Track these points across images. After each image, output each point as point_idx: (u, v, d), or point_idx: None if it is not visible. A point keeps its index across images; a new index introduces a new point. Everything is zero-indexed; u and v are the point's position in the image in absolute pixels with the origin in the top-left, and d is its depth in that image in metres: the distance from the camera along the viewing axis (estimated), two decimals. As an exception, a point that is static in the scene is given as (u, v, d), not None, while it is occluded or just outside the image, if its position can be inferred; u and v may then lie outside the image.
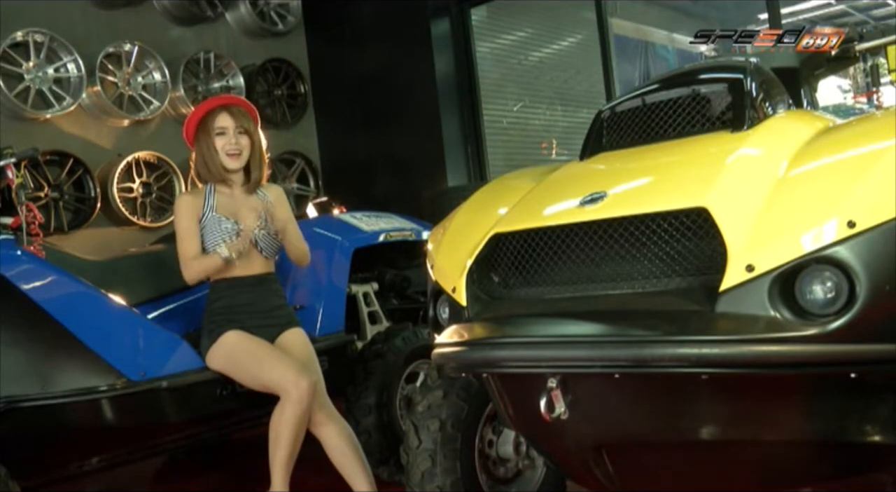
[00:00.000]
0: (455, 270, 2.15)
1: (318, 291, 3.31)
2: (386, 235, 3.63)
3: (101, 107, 5.19)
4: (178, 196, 2.88)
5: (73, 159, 4.97)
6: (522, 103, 6.38)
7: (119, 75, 5.28)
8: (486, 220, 2.21)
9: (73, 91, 5.04)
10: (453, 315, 2.15)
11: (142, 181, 5.28)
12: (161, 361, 2.74)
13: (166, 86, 5.42)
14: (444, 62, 5.82)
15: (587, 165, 2.32)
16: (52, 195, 4.91)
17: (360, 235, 3.57)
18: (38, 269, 2.59)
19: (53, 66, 4.98)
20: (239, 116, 2.84)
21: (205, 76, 5.75)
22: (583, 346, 1.76)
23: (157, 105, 5.39)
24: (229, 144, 2.81)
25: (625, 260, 1.88)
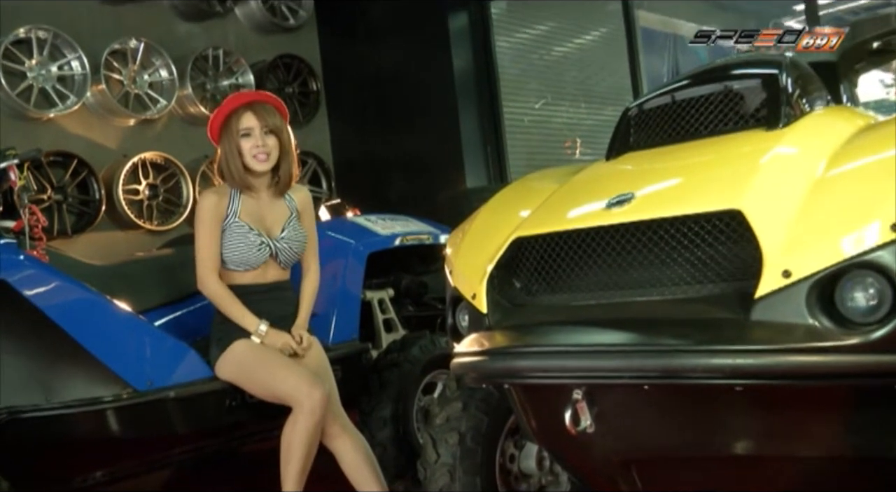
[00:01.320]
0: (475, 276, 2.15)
1: (332, 297, 3.32)
2: (402, 239, 3.63)
3: (106, 106, 5.23)
4: (204, 193, 2.86)
5: (77, 160, 5.01)
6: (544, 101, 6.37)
7: (125, 73, 5.32)
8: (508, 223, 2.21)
9: (78, 90, 5.08)
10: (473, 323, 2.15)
11: (148, 183, 5.31)
12: (168, 370, 2.75)
13: (173, 84, 5.45)
14: (463, 58, 5.82)
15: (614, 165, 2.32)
16: (56, 198, 4.94)
17: (375, 238, 3.57)
18: (41, 274, 2.61)
19: (57, 63, 5.02)
20: (265, 115, 2.83)
21: (213, 74, 5.78)
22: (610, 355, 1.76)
23: (164, 104, 5.43)
24: (256, 146, 2.80)
25: (654, 265, 1.88)
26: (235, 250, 2.78)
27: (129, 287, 3.05)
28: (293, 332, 2.82)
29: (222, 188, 2.86)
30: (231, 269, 2.82)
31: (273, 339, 2.76)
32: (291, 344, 2.77)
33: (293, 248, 2.87)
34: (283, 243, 2.84)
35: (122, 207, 5.15)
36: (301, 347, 2.79)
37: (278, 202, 2.92)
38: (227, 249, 2.79)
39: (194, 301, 3.11)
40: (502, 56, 6.03)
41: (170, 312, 3.10)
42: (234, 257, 2.78)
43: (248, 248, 2.78)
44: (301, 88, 6.30)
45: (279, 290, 2.89)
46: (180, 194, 5.47)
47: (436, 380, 3.43)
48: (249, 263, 2.79)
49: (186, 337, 2.92)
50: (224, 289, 2.78)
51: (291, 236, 2.87)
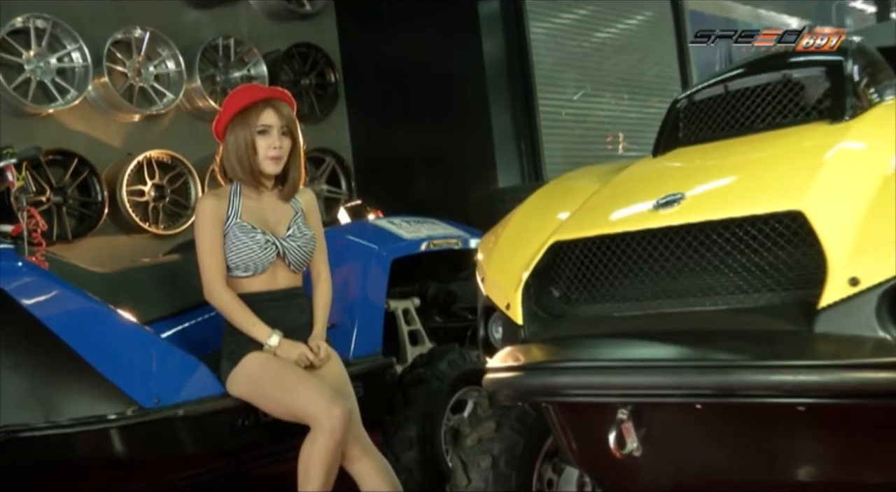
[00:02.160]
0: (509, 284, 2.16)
1: (352, 307, 3.34)
2: (429, 244, 3.64)
3: (109, 100, 5.28)
4: (201, 197, 2.90)
5: (78, 159, 5.05)
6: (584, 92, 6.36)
7: (129, 65, 5.37)
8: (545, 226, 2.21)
9: (78, 83, 5.13)
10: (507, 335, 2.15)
11: (154, 183, 5.36)
12: (177, 386, 2.77)
13: (181, 76, 5.50)
14: (494, 46, 5.82)
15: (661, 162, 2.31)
16: (55, 199, 4.99)
17: (400, 243, 3.58)
18: (40, 282, 2.65)
19: (56, 55, 5.08)
20: (284, 114, 2.86)
21: (224, 65, 5.83)
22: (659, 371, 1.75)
23: (171, 98, 5.47)
24: (272, 146, 2.83)
25: (706, 272, 1.87)
26: (240, 252, 2.80)
27: (133, 296, 3.08)
28: (310, 342, 2.84)
29: (220, 190, 2.90)
30: (238, 276, 2.84)
31: (287, 350, 2.78)
32: (308, 355, 2.79)
33: (302, 247, 2.89)
34: (291, 242, 2.87)
35: (125, 210, 5.20)
36: (318, 358, 2.80)
37: (281, 203, 2.95)
38: (232, 253, 2.81)
39: (204, 311, 3.14)
40: (537, 43, 6.03)
41: (178, 324, 3.13)
42: (240, 260, 2.81)
43: (253, 247, 2.80)
44: (318, 80, 6.33)
45: (292, 297, 2.91)
46: (188, 196, 5.51)
47: (466, 398, 3.43)
48: (257, 264, 2.81)
49: (196, 350, 2.95)
50: (233, 297, 2.80)
51: (299, 235, 2.89)
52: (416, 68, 6.08)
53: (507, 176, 5.70)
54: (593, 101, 6.39)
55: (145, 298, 3.13)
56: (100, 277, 3.13)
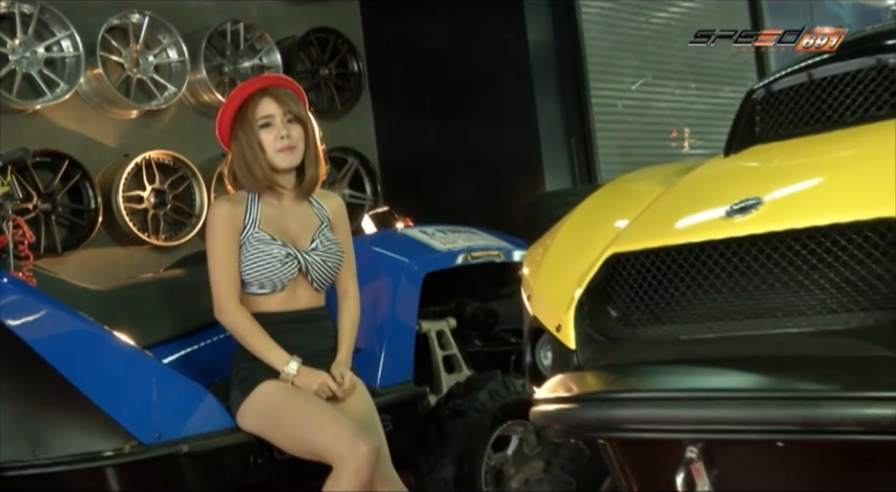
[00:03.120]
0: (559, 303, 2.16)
1: (379, 329, 3.35)
2: (466, 256, 3.64)
3: (104, 94, 5.34)
4: (215, 202, 2.92)
5: (69, 161, 5.11)
6: (643, 80, 6.34)
7: (125, 54, 5.42)
8: (600, 236, 2.21)
9: (69, 75, 5.19)
10: (558, 361, 2.15)
11: (154, 188, 5.41)
12: (180, 419, 2.79)
13: (184, 66, 5.55)
14: (540, 29, 5.82)
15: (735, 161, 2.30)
16: (43, 207, 5.04)
17: (433, 255, 3.59)
18: (28, 301, 2.68)
19: (44, 43, 5.14)
20: (286, 100, 2.89)
21: (232, 53, 5.87)
22: (734, 404, 1.74)
23: (173, 91, 5.53)
24: (279, 137, 2.85)
25: (788, 289, 1.86)
26: (257, 266, 2.82)
27: (131, 317, 3.11)
28: (332, 370, 2.85)
29: (236, 195, 2.91)
30: (253, 293, 2.86)
31: (307, 379, 2.79)
32: (330, 385, 2.80)
33: (327, 262, 2.90)
34: (315, 256, 2.88)
35: (122, 218, 5.24)
36: (342, 389, 2.81)
37: (304, 209, 2.96)
38: (248, 267, 2.83)
39: (211, 334, 3.17)
40: (590, 25, 6.02)
41: (182, 348, 3.16)
42: (257, 275, 2.83)
43: (271, 262, 2.82)
44: (339, 70, 6.36)
45: (314, 318, 2.92)
46: (192, 202, 5.55)
47: (510, 433, 3.43)
48: (275, 281, 2.83)
49: (202, 378, 2.97)
50: (247, 317, 2.82)
51: (324, 248, 2.91)
52: (450, 55, 6.09)
53: (556, 178, 5.69)
54: (654, 91, 6.37)
55: (145, 319, 3.16)
56: (93, 295, 3.17)
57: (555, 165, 5.72)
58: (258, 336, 2.81)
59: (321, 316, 2.95)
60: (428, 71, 6.23)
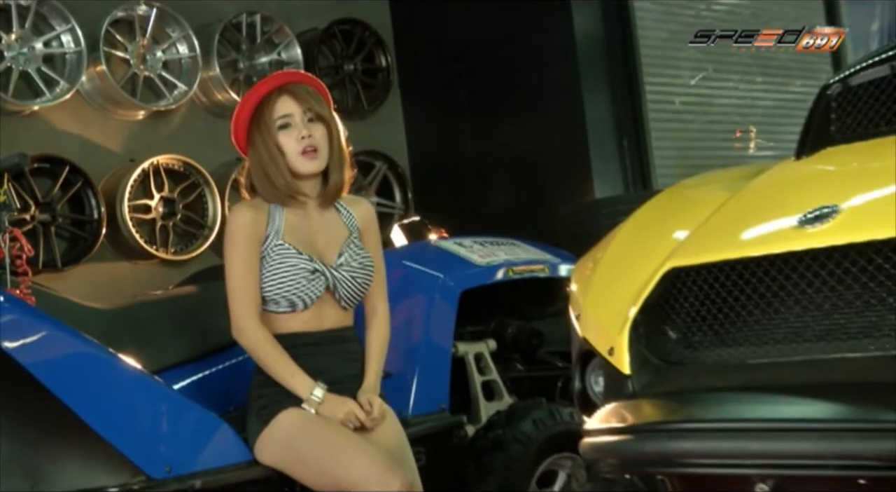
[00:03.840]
0: (612, 323, 2.15)
1: (411, 352, 3.35)
2: (507, 271, 3.64)
3: (107, 94, 5.38)
4: (235, 208, 2.92)
5: (70, 167, 5.13)
6: (704, 74, 6.32)
7: (131, 50, 5.47)
8: (657, 248, 2.21)
9: (70, 73, 5.24)
10: (610, 388, 2.15)
11: (162, 197, 5.43)
12: (193, 451, 2.80)
13: (195, 62, 5.59)
14: (588, 18, 5.82)
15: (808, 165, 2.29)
16: (41, 218, 5.07)
17: (470, 270, 3.60)
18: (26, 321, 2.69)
19: (43, 38, 5.18)
20: (306, 97, 2.88)
21: (248, 48, 5.91)
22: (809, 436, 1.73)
23: (184, 89, 5.56)
24: (300, 138, 2.85)
25: (869, 307, 1.85)
26: (280, 283, 2.82)
27: (139, 338, 3.13)
28: (360, 397, 2.86)
29: (259, 201, 2.92)
30: (273, 310, 2.87)
31: (332, 407, 2.79)
32: (358, 414, 2.80)
33: (357, 278, 2.90)
34: (343, 272, 2.88)
35: (128, 230, 5.27)
36: (370, 418, 2.82)
37: (331, 218, 2.96)
38: (270, 283, 2.83)
39: (227, 357, 3.18)
40: (644, 14, 6.01)
41: (194, 372, 3.17)
42: (279, 293, 2.83)
43: (297, 278, 2.82)
44: (365, 65, 6.39)
45: (340, 340, 2.92)
46: (205, 212, 5.59)
47: (557, 467, 3.42)
48: (299, 299, 2.84)
49: (217, 406, 2.98)
50: (268, 338, 2.83)
51: (353, 263, 2.90)
52: (488, 48, 6.10)
53: (606, 183, 5.68)
54: (716, 86, 6.35)
55: (154, 341, 3.17)
56: (97, 314, 3.19)
57: (605, 170, 5.70)
58: (280, 360, 2.81)
59: (348, 337, 2.95)
60: (463, 65, 6.24)
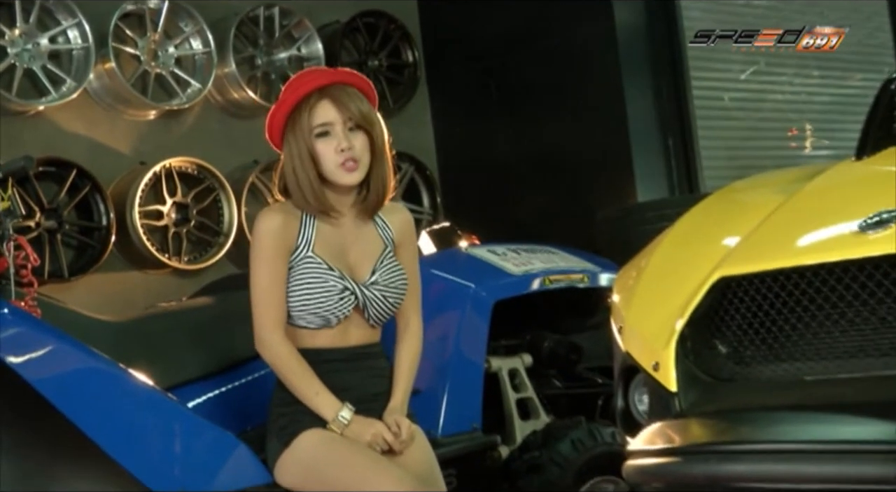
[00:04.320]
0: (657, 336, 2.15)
1: (441, 367, 3.35)
2: (544, 281, 3.64)
3: (117, 92, 5.42)
4: (263, 212, 2.91)
5: (77, 171, 5.18)
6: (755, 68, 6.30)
7: (142, 45, 5.51)
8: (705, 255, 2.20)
9: (77, 70, 5.28)
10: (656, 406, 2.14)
11: (175, 202, 5.47)
12: (208, 473, 2.81)
13: (210, 59, 5.62)
14: (630, 8, 5.81)
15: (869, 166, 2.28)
16: (47, 225, 5.12)
17: (504, 280, 3.59)
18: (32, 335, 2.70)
19: (48, 34, 5.23)
20: (348, 104, 2.84)
21: (266, 43, 5.94)
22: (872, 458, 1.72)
23: (198, 87, 5.60)
24: (339, 150, 2.81)
25: (936, 319, 1.84)
26: (308, 299, 2.82)
27: (151, 353, 3.14)
28: (386, 418, 2.85)
29: (290, 205, 2.91)
30: (298, 325, 2.87)
31: (359, 430, 2.79)
32: (386, 436, 2.80)
33: (388, 297, 2.89)
34: (375, 291, 2.87)
35: (138, 237, 5.31)
36: (399, 441, 2.81)
37: (367, 230, 2.94)
38: (297, 298, 2.83)
39: (245, 373, 3.19)
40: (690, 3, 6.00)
41: (210, 389, 3.18)
42: (306, 309, 2.82)
43: (326, 296, 2.81)
44: (391, 60, 6.41)
45: (367, 357, 2.92)
46: (220, 218, 5.62)
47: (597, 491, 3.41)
48: (327, 317, 2.84)
49: (233, 425, 2.99)
50: (293, 354, 2.81)
51: (386, 281, 2.89)
52: (522, 41, 6.10)
53: (650, 186, 5.67)
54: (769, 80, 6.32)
55: (166, 356, 3.18)
56: (107, 327, 3.20)
57: (648, 171, 5.69)
58: (305, 377, 2.81)
59: (375, 354, 2.93)
60: (496, 60, 6.24)
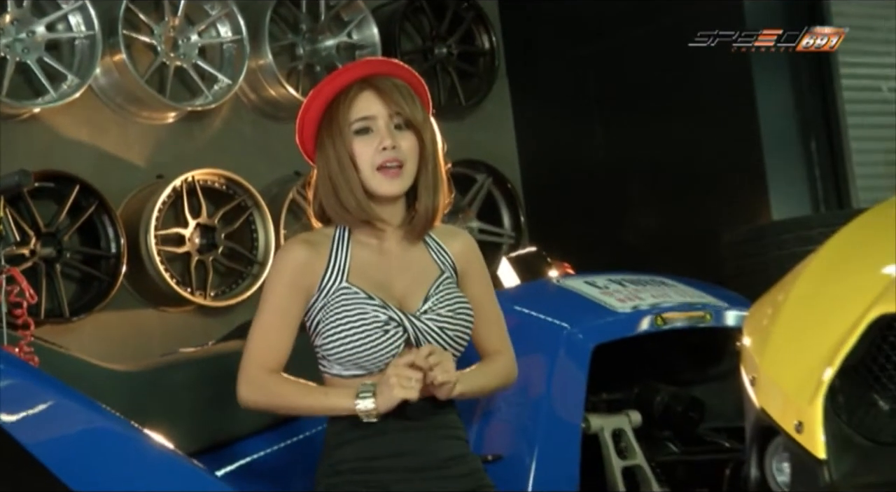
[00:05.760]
0: (800, 389, 2.14)
1: (529, 428, 3.35)
2: (655, 319, 3.62)
3: (128, 90, 5.49)
4: (288, 241, 2.94)
5: (80, 187, 5.24)
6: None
7: (158, 33, 5.57)
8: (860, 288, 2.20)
9: (80, 65, 5.35)
10: (800, 477, 2.13)
11: (199, 223, 5.52)
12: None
13: (242, 48, 5.67)
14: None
15: None
16: (44, 252, 5.17)
17: (606, 319, 3.59)
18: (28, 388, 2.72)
19: (46, 20, 5.29)
20: (396, 96, 2.87)
21: (309, 28, 5.97)
22: None
23: (227, 83, 5.65)
24: (380, 149, 2.84)
25: None
26: (345, 336, 2.80)
27: (171, 410, 3.17)
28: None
29: (319, 233, 2.93)
30: (339, 374, 2.87)
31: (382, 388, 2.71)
32: (402, 361, 2.67)
33: (446, 329, 2.86)
34: (428, 322, 2.86)
35: (154, 268, 5.35)
36: (422, 357, 2.71)
37: (417, 254, 2.95)
38: (331, 338, 2.81)
39: (286, 434, 3.21)
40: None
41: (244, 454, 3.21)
42: (344, 350, 2.80)
43: (366, 330, 2.80)
44: (463, 48, 6.43)
45: (430, 412, 2.91)
46: (254, 243, 5.67)
47: None
48: (371, 359, 2.83)
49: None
50: (280, 378, 2.75)
51: (442, 310, 2.88)
52: (626, 25, 6.12)
53: (788, 201, 5.64)
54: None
55: (189, 414, 3.21)
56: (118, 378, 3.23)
57: (785, 181, 5.66)
58: (306, 391, 2.78)
59: (441, 408, 2.93)
60: (593, 47, 6.26)
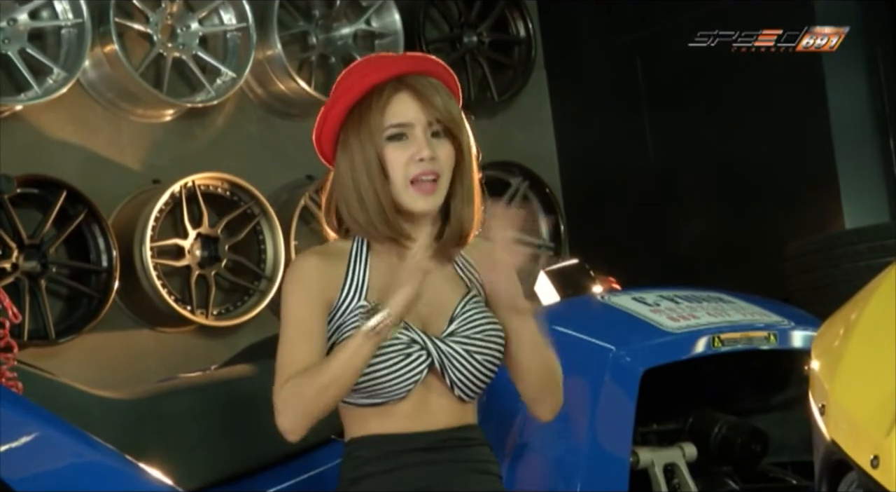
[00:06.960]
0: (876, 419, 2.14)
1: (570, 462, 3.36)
2: (713, 340, 3.62)
3: (121, 85, 5.53)
4: (300, 255, 2.94)
5: (67, 193, 5.26)
6: None
7: (154, 20, 5.59)
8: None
9: (67, 56, 5.39)
10: (876, 516, 2.12)
11: (201, 234, 5.55)
12: None
13: (248, 37, 5.69)
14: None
15: None
16: (27, 266, 5.20)
17: (657, 340, 3.60)
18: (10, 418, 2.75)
19: (28, 6, 5.32)
20: (434, 100, 2.86)
21: (323, 14, 5.99)
22: None
23: (231, 77, 5.68)
24: (416, 160, 2.82)
25: None
26: None
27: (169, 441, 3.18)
28: None
29: (332, 246, 2.93)
30: (356, 403, 2.87)
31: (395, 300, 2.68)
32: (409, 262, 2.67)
33: (474, 353, 2.82)
34: (454, 345, 2.86)
35: (150, 283, 5.37)
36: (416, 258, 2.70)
37: (441, 271, 2.95)
38: None
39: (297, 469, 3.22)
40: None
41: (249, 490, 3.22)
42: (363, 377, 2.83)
43: (385, 353, 2.82)
44: (495, 36, 6.45)
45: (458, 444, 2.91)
46: (262, 255, 5.69)
47: None
48: (392, 387, 2.84)
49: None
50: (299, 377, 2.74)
51: (470, 331, 2.88)
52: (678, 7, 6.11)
53: (863, 207, 5.63)
54: None
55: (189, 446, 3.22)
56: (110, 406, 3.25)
57: (860, 187, 5.66)
58: (323, 363, 2.73)
59: (469, 440, 2.94)
60: (640, 34, 6.27)
